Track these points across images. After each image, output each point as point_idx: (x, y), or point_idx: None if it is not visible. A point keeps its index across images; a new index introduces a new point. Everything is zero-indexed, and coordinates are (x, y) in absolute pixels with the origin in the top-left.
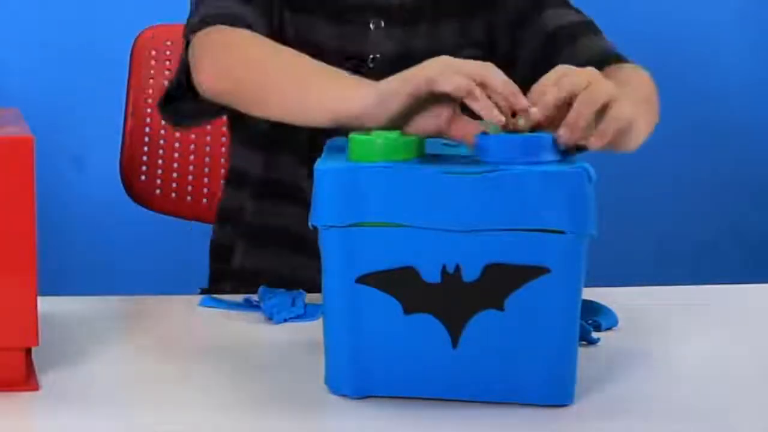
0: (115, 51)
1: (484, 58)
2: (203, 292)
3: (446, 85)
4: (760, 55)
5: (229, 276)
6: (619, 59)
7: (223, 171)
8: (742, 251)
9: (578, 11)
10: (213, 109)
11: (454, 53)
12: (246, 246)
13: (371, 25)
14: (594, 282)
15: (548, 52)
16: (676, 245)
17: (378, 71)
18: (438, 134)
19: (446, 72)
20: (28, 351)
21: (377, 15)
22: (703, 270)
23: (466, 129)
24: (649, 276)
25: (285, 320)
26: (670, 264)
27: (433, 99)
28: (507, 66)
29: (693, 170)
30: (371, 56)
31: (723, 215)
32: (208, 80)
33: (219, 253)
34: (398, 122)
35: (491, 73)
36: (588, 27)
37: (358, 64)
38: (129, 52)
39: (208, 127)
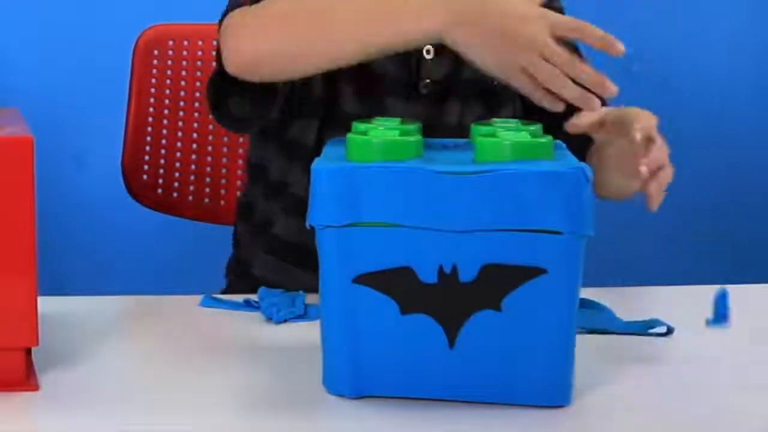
0: (117, 50)
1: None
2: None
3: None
4: (761, 57)
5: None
6: None
7: (224, 171)
8: (742, 251)
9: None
10: (264, 103)
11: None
12: (267, 257)
13: (425, 53)
14: (594, 282)
15: None
16: (676, 245)
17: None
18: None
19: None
20: (28, 351)
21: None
22: (703, 270)
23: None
24: (648, 276)
25: (285, 320)
26: (669, 264)
27: None
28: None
29: (691, 169)
30: (425, 81)
31: (722, 215)
32: (235, 55)
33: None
34: None
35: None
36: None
37: (410, 89)
38: (131, 51)
39: (210, 126)
